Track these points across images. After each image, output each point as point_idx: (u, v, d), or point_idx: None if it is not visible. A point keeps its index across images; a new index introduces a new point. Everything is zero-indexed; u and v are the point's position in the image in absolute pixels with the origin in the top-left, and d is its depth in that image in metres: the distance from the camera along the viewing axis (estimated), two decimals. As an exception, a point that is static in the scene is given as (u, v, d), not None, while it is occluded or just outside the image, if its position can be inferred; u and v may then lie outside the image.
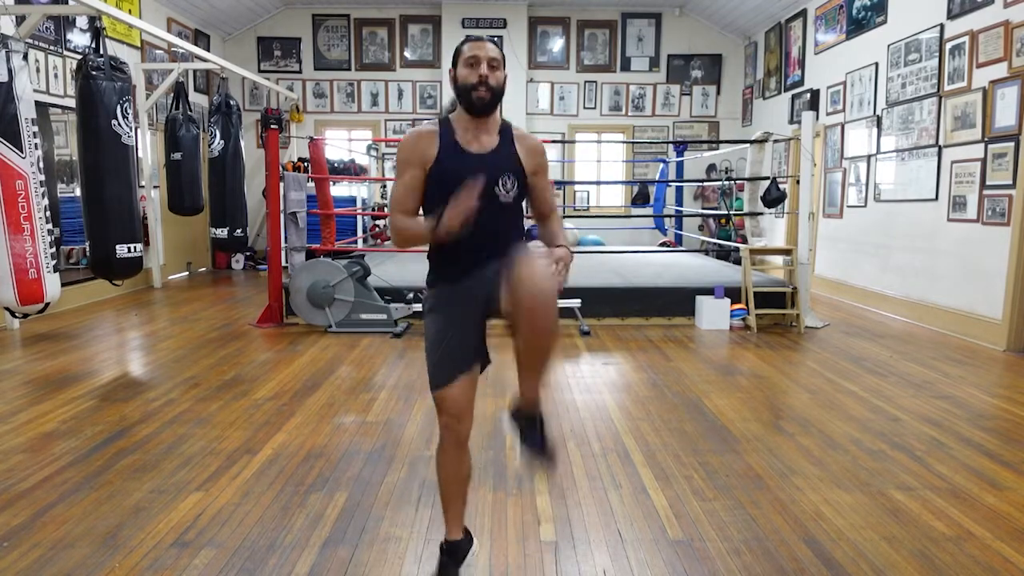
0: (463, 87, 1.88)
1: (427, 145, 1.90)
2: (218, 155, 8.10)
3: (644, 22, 10.78)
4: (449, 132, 1.92)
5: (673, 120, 10.94)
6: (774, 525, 2.49)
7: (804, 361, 4.97)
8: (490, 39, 1.91)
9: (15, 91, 4.64)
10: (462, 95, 1.89)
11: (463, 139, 1.91)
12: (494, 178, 1.86)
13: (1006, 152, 5.24)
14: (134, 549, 2.27)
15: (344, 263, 5.77)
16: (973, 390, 4.21)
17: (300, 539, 2.35)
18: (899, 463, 3.07)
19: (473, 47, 1.88)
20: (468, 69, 1.87)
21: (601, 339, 5.55)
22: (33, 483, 2.76)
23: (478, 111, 1.89)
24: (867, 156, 7.23)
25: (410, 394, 4.04)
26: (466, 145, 1.90)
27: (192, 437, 3.29)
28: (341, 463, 3.01)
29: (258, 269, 9.91)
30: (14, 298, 4.76)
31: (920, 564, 2.23)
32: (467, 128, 1.92)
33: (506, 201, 1.90)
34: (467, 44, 1.90)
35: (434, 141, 1.90)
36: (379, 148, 10.68)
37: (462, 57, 1.89)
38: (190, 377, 4.33)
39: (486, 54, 1.87)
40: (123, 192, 5.40)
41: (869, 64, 7.16)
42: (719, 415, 3.71)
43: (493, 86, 1.87)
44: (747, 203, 7.26)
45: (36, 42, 6.26)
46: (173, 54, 8.71)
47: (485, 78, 1.85)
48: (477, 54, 1.87)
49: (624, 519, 2.53)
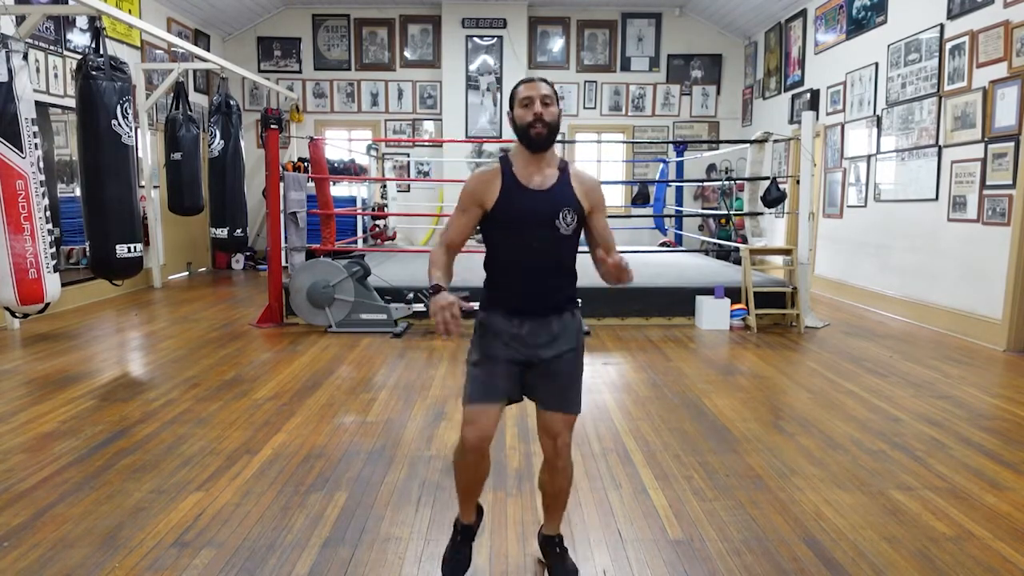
0: (521, 127, 1.99)
1: (490, 185, 2.02)
2: (218, 155, 8.10)
3: (644, 22, 10.78)
4: (510, 170, 2.03)
5: (673, 120, 10.94)
6: (774, 525, 2.49)
7: (804, 361, 4.97)
8: (542, 79, 2.02)
9: (15, 91, 4.64)
10: (521, 134, 2.00)
11: (523, 176, 2.02)
12: (555, 211, 1.99)
13: (1006, 152, 5.23)
14: (134, 549, 2.27)
15: (344, 263, 5.77)
16: (973, 390, 4.21)
17: (300, 539, 2.35)
18: (899, 463, 3.07)
19: (527, 88, 1.99)
20: (523, 109, 1.98)
21: (601, 339, 5.55)
22: (33, 483, 2.76)
23: (536, 147, 1.99)
24: (867, 156, 7.23)
25: (410, 394, 4.04)
26: (526, 182, 2.01)
27: (192, 437, 3.29)
28: (341, 463, 3.01)
29: (258, 269, 9.90)
30: (14, 298, 4.76)
31: (920, 564, 2.24)
32: (527, 164, 2.02)
33: (565, 233, 2.01)
34: (521, 86, 2.01)
35: (497, 180, 2.02)
36: (379, 148, 10.69)
37: (517, 99, 2.00)
38: (190, 377, 4.33)
39: (539, 93, 1.97)
40: (123, 192, 5.40)
41: (869, 64, 7.16)
42: (719, 415, 3.71)
43: (548, 121, 1.97)
44: (747, 203, 7.26)
45: (36, 42, 6.26)
46: (173, 54, 8.71)
47: (540, 115, 1.96)
48: (531, 95, 1.97)
49: (624, 519, 2.53)
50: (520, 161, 2.03)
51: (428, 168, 11.01)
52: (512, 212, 2.00)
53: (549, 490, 2.18)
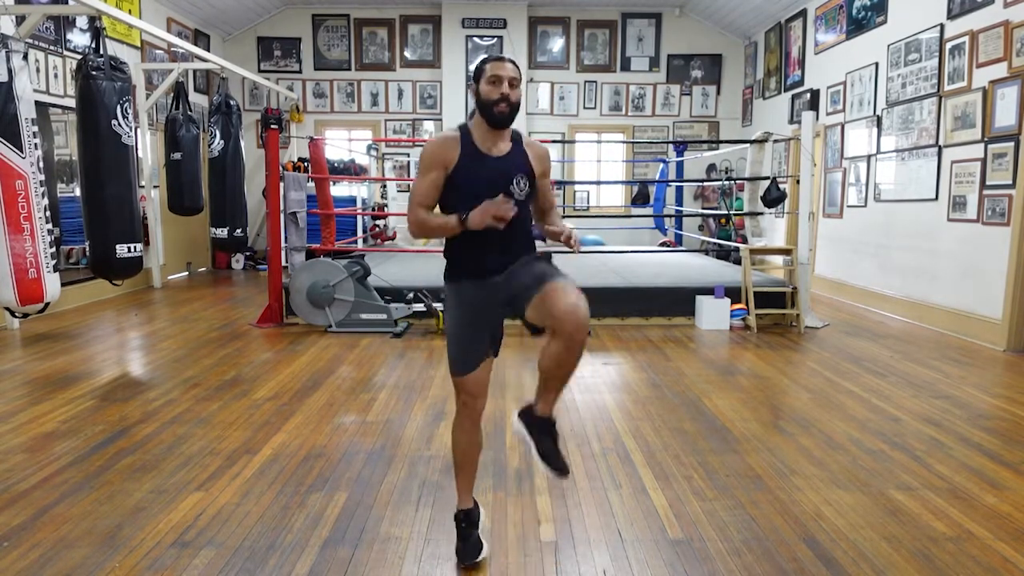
0: (485, 102, 2.07)
1: (450, 149, 2.11)
2: (218, 155, 8.10)
3: (644, 22, 10.78)
4: (469, 138, 2.13)
5: (673, 120, 10.94)
6: (774, 525, 2.49)
7: (804, 361, 4.97)
8: (510, 59, 2.11)
9: (15, 91, 4.64)
10: (484, 109, 2.09)
11: (482, 145, 2.12)
12: (510, 178, 2.10)
13: (1006, 152, 5.23)
14: (134, 549, 2.27)
15: (344, 263, 5.77)
16: (973, 390, 4.21)
17: (300, 539, 2.35)
18: (899, 463, 3.07)
19: (495, 67, 2.07)
20: (490, 86, 2.06)
21: (601, 339, 5.55)
22: (33, 483, 2.76)
23: (498, 124, 2.09)
24: (867, 156, 7.23)
25: (410, 394, 4.04)
26: (485, 150, 2.12)
27: (192, 437, 3.29)
28: (341, 463, 3.01)
29: (258, 269, 9.90)
30: (14, 298, 4.76)
31: (920, 564, 2.23)
32: (485, 136, 2.12)
33: (519, 198, 2.10)
34: (489, 64, 2.09)
35: (456, 146, 2.11)
36: (379, 148, 10.69)
37: (484, 75, 2.08)
38: (190, 377, 4.33)
39: (507, 74, 2.06)
40: (123, 192, 5.40)
41: (869, 64, 7.16)
42: (719, 415, 3.71)
43: (513, 102, 2.07)
44: (747, 203, 7.26)
45: (36, 42, 6.26)
46: (173, 54, 8.71)
47: (506, 96, 2.05)
48: (499, 73, 2.06)
49: (624, 519, 2.53)
50: (479, 133, 2.12)
51: (428, 168, 10.99)
52: (471, 177, 2.08)
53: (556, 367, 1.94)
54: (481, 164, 2.10)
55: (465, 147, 2.11)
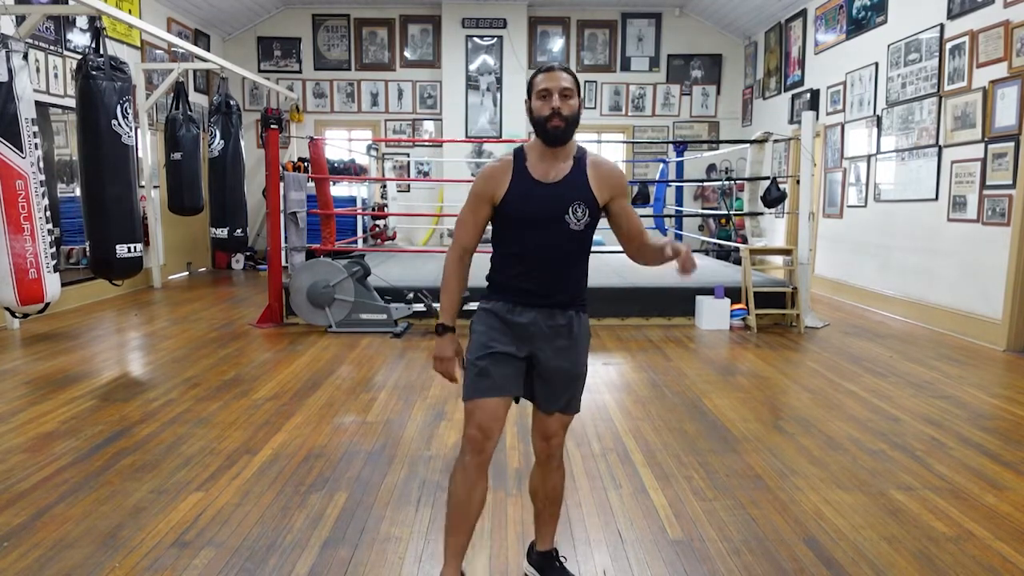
0: (537, 120, 1.87)
1: (499, 180, 1.91)
2: (218, 155, 8.09)
3: (644, 22, 10.78)
4: (522, 163, 1.92)
5: (673, 120, 10.94)
6: (774, 525, 2.49)
7: (804, 361, 4.97)
8: (562, 67, 1.89)
9: (15, 91, 4.64)
10: (537, 128, 1.89)
11: (535, 169, 1.91)
12: (565, 206, 1.89)
13: (1006, 152, 5.23)
14: (134, 549, 2.27)
15: (344, 263, 5.77)
16: (973, 390, 4.21)
17: (300, 539, 2.35)
18: (899, 463, 3.07)
19: (545, 79, 1.87)
20: (541, 101, 1.86)
21: (601, 339, 5.55)
22: (33, 483, 2.76)
23: (553, 142, 1.88)
24: (867, 156, 7.23)
25: (410, 394, 4.04)
26: (538, 176, 1.91)
27: (192, 437, 3.29)
28: (341, 463, 3.01)
29: (258, 269, 9.90)
30: (14, 298, 4.76)
31: (920, 564, 2.23)
32: (541, 157, 1.92)
33: (576, 229, 1.91)
34: (540, 76, 1.89)
35: (507, 174, 1.92)
36: (379, 148, 10.69)
37: (535, 89, 1.88)
38: (190, 377, 4.33)
39: (558, 85, 1.85)
40: (123, 192, 5.40)
41: (869, 64, 7.16)
42: (719, 415, 3.71)
43: (567, 116, 1.85)
44: (747, 203, 7.26)
45: (36, 42, 6.26)
46: (173, 54, 8.71)
47: (558, 109, 1.84)
48: (548, 86, 1.85)
49: (624, 519, 2.53)
50: (535, 154, 1.92)
51: (428, 168, 11.01)
52: (520, 207, 1.90)
53: (542, 494, 2.10)
54: (532, 192, 1.89)
55: (516, 174, 1.91)
